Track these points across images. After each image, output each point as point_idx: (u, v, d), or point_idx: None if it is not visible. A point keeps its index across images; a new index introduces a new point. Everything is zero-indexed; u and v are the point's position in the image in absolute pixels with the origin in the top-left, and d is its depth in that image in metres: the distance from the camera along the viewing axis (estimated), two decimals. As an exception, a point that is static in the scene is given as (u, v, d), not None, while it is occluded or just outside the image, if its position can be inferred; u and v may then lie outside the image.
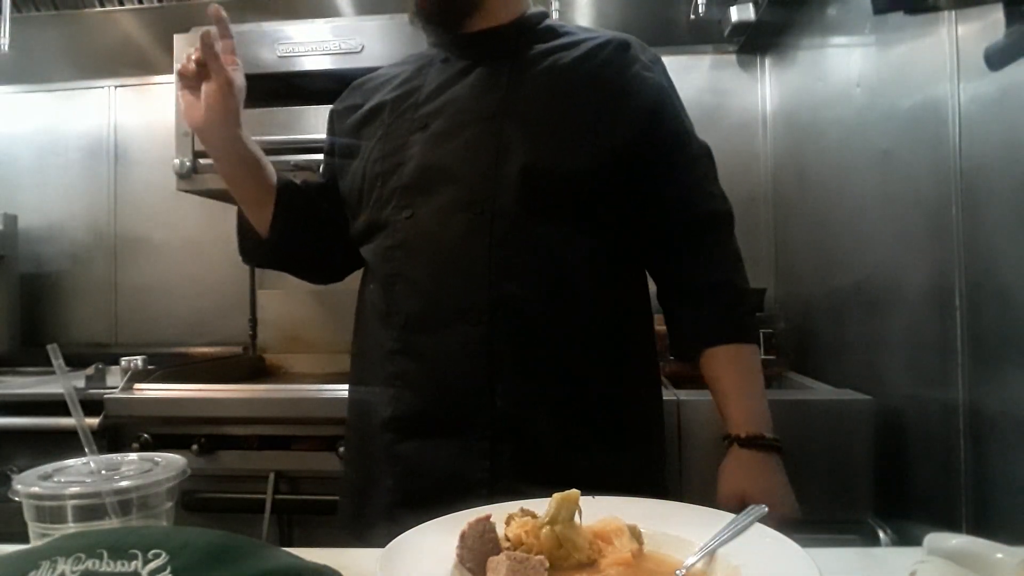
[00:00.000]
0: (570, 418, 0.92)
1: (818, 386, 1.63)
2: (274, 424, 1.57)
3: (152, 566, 0.42)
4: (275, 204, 1.05)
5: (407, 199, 0.96)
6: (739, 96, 2.27)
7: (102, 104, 2.52)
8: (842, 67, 1.67)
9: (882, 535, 1.32)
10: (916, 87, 1.30)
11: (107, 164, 2.51)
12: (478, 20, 1.00)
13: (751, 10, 1.97)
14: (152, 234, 2.47)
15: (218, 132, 0.98)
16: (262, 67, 1.87)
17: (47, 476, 0.58)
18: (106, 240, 2.50)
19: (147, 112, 2.48)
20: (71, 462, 0.61)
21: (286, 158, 1.78)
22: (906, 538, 1.29)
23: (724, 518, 0.62)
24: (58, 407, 1.16)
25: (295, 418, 1.57)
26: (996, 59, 0.61)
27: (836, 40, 1.74)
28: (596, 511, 0.61)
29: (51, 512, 0.55)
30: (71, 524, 0.55)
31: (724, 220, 1.03)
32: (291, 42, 1.86)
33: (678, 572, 0.56)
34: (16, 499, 0.55)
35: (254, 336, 2.32)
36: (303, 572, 0.46)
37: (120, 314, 2.48)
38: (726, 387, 0.97)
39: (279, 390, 1.65)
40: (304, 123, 1.84)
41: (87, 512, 0.55)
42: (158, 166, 2.34)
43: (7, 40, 1.99)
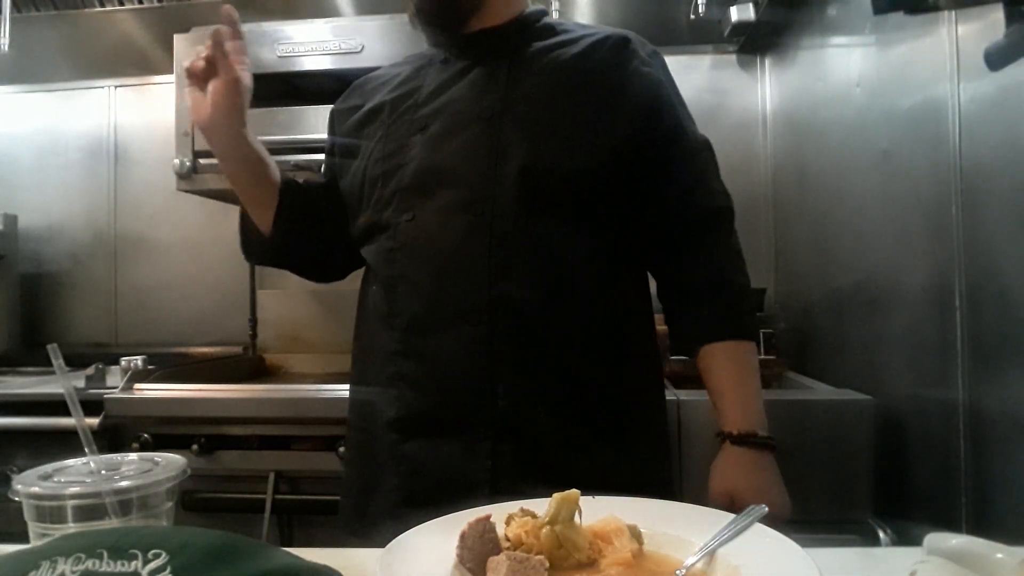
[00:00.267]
0: (571, 418, 0.92)
1: (818, 386, 1.63)
2: (274, 424, 1.57)
3: (152, 566, 0.42)
4: (278, 203, 1.05)
5: (407, 201, 0.95)
6: (739, 96, 2.27)
7: (102, 104, 2.52)
8: (842, 67, 1.67)
9: (882, 535, 1.33)
10: (916, 87, 1.30)
11: (107, 164, 2.51)
12: (477, 20, 1.00)
13: (751, 10, 1.97)
14: (152, 234, 2.47)
15: (224, 131, 0.98)
16: (262, 67, 1.87)
17: (47, 476, 0.58)
18: (106, 240, 2.50)
19: (147, 112, 2.48)
20: (71, 462, 0.61)
21: (286, 158, 1.78)
22: (906, 538, 1.29)
23: (724, 518, 0.62)
24: (58, 407, 1.16)
25: (295, 418, 1.57)
26: (996, 59, 0.61)
27: (836, 40, 1.74)
28: (596, 511, 0.61)
29: (51, 512, 0.55)
30: (71, 524, 0.55)
31: (724, 216, 1.02)
32: (291, 42, 1.86)
33: (678, 572, 0.56)
34: (16, 499, 0.55)
35: (254, 336, 2.32)
36: (303, 572, 0.46)
37: (120, 314, 2.48)
38: (721, 384, 0.96)
39: (279, 390, 1.65)
40: (304, 123, 1.84)
41: (87, 512, 0.55)
42: (158, 166, 2.34)
43: (7, 40, 1.99)
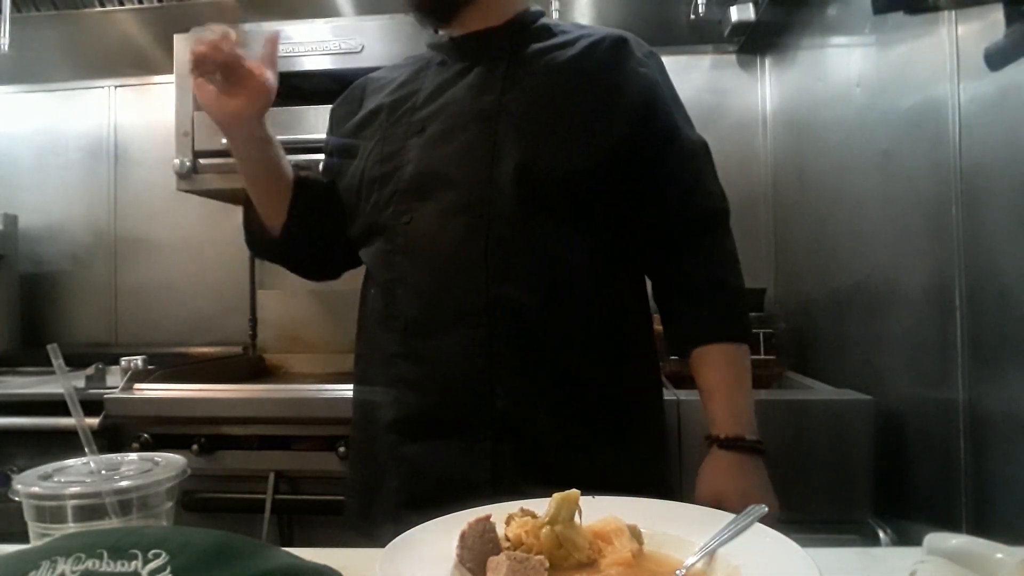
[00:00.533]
0: (570, 418, 0.92)
1: (818, 386, 1.63)
2: (274, 424, 1.57)
3: (152, 566, 0.42)
4: (292, 200, 1.04)
5: (405, 204, 0.96)
6: (739, 96, 2.27)
7: (102, 104, 2.52)
8: (842, 67, 1.67)
9: (882, 535, 1.33)
10: (916, 87, 1.30)
11: (107, 164, 2.51)
12: (473, 20, 1.00)
13: (751, 10, 1.97)
14: (152, 234, 2.47)
15: (247, 131, 0.96)
16: (262, 67, 1.87)
17: (47, 476, 0.58)
18: (106, 240, 2.50)
19: (147, 112, 2.48)
20: (71, 462, 0.61)
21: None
22: (906, 538, 1.29)
23: (724, 518, 0.62)
24: (58, 407, 1.16)
25: (295, 418, 1.57)
26: (996, 59, 0.61)
27: (836, 40, 1.74)
28: (596, 511, 0.61)
29: (51, 512, 0.55)
30: (71, 524, 0.55)
31: (720, 218, 1.02)
32: (291, 42, 1.86)
33: (678, 572, 0.56)
34: (16, 499, 0.55)
35: (254, 336, 2.32)
36: (303, 572, 0.46)
37: (120, 314, 2.48)
38: (711, 387, 0.96)
39: (279, 390, 1.65)
40: (304, 123, 1.84)
41: (87, 512, 0.55)
42: (158, 166, 2.34)
43: (7, 40, 1.99)
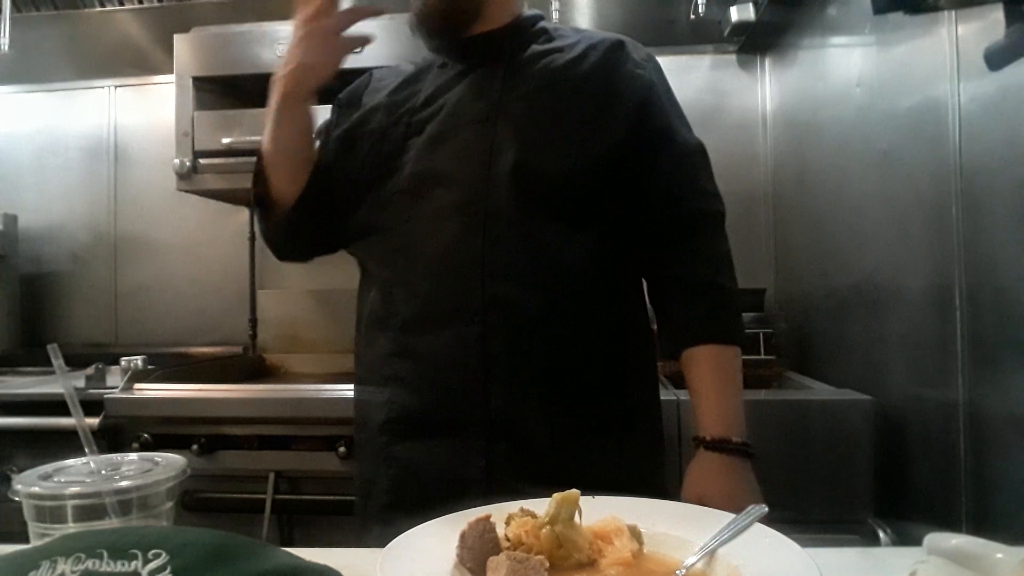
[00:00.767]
0: (565, 416, 0.92)
1: (818, 386, 1.63)
2: (274, 424, 1.57)
3: (152, 566, 0.42)
4: (308, 180, 1.03)
5: (404, 204, 0.96)
6: (739, 96, 2.27)
7: (102, 104, 2.52)
8: (842, 67, 1.67)
9: (882, 535, 1.33)
10: (916, 87, 1.30)
11: (107, 164, 2.51)
12: (475, 25, 1.01)
13: (751, 10, 1.97)
14: (152, 234, 2.47)
15: (316, 81, 0.96)
16: (262, 67, 1.86)
17: (47, 476, 0.58)
18: (106, 240, 2.50)
19: (147, 112, 2.48)
20: (71, 462, 0.61)
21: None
22: (906, 538, 1.29)
23: (724, 518, 0.62)
24: (58, 407, 1.16)
25: (295, 418, 1.57)
26: (996, 59, 0.61)
27: (836, 40, 1.74)
28: (596, 511, 0.61)
29: (51, 512, 0.55)
30: (71, 524, 0.55)
31: (714, 219, 1.02)
32: (291, 42, 1.86)
33: (678, 572, 0.56)
34: (16, 499, 0.55)
35: (254, 336, 2.32)
36: (303, 572, 0.46)
37: (120, 314, 2.48)
38: (699, 388, 0.96)
39: (279, 390, 1.65)
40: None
41: (87, 512, 0.55)
42: (158, 166, 2.34)
43: (7, 40, 1.99)
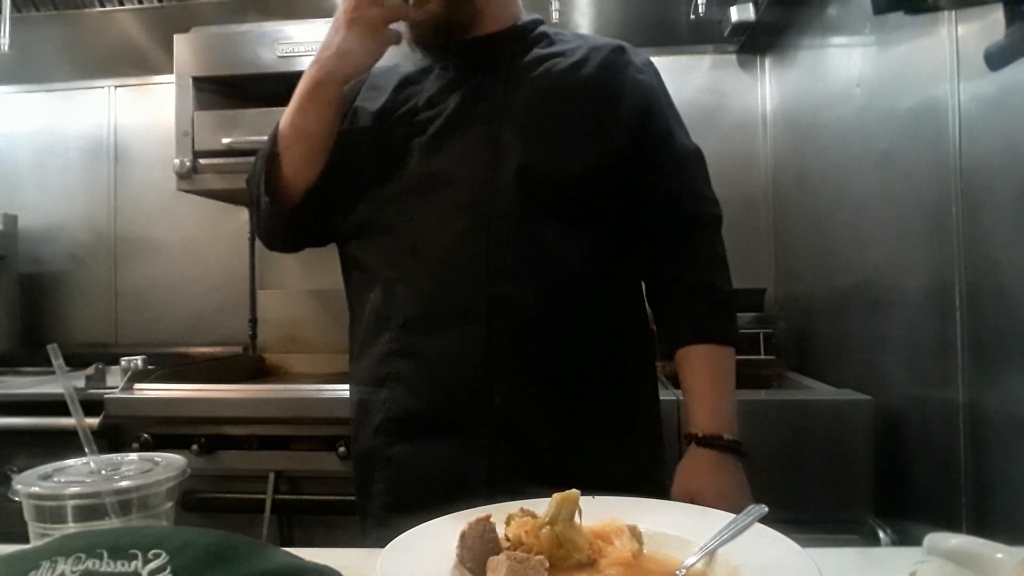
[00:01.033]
0: (568, 417, 0.93)
1: (818, 386, 1.63)
2: (274, 424, 1.57)
3: (152, 566, 0.42)
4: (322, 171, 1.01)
5: (406, 202, 0.96)
6: (739, 96, 2.27)
7: (102, 104, 2.52)
8: (842, 67, 1.67)
9: (882, 535, 1.33)
10: (916, 87, 1.30)
11: (107, 164, 2.51)
12: (474, 29, 1.01)
13: (751, 10, 1.97)
14: (152, 234, 2.47)
15: (352, 70, 0.97)
16: (262, 67, 1.87)
17: (47, 476, 0.58)
18: (106, 240, 2.50)
19: (147, 112, 2.48)
20: (71, 462, 0.61)
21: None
22: (906, 538, 1.29)
23: (724, 518, 0.62)
24: (58, 407, 1.16)
25: (295, 418, 1.57)
26: (996, 59, 0.61)
27: (836, 40, 1.74)
28: (596, 511, 0.61)
29: (51, 512, 0.55)
30: (71, 524, 0.55)
31: (711, 223, 1.04)
32: (291, 42, 1.86)
33: (678, 572, 0.56)
34: (16, 499, 0.55)
35: (254, 336, 2.32)
36: (303, 572, 0.46)
37: (120, 314, 2.48)
38: (692, 386, 0.98)
39: (279, 390, 1.65)
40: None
41: (87, 512, 0.55)
42: (158, 166, 2.34)
43: (7, 40, 1.99)
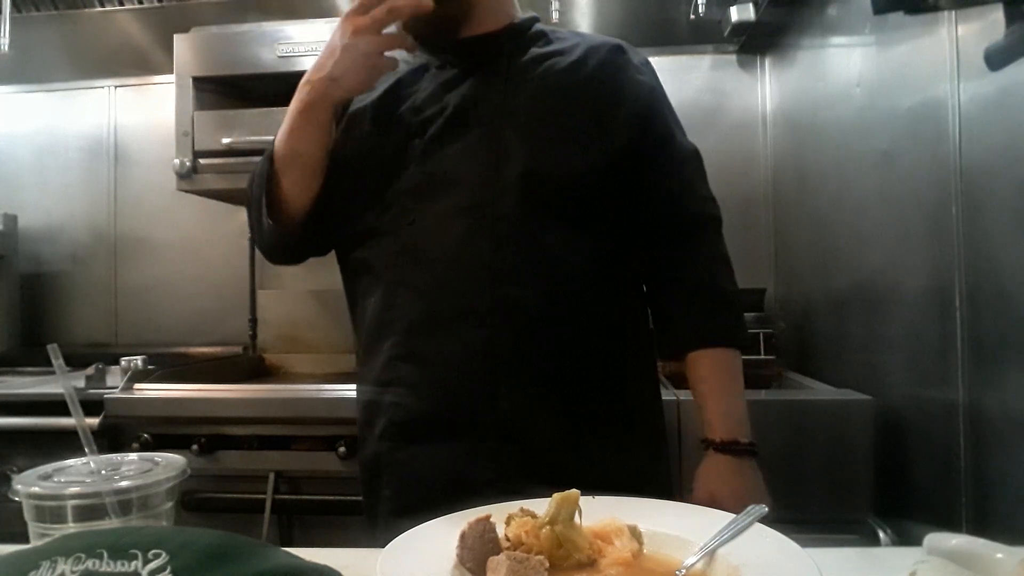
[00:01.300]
0: (572, 418, 0.93)
1: (818, 386, 1.63)
2: (274, 424, 1.57)
3: (152, 566, 0.42)
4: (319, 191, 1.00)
5: (408, 205, 0.95)
6: (739, 96, 2.26)
7: (102, 104, 2.52)
8: (842, 67, 1.67)
9: (882, 535, 1.33)
10: (916, 87, 1.30)
11: (107, 164, 2.51)
12: (469, 27, 1.00)
13: (751, 10, 1.97)
14: (152, 234, 2.47)
15: (345, 95, 0.95)
16: (262, 67, 1.87)
17: (47, 476, 0.58)
18: (106, 240, 2.50)
19: (147, 112, 2.48)
20: (71, 462, 0.61)
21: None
22: (906, 538, 1.29)
23: (724, 518, 0.62)
24: (58, 407, 1.16)
25: (295, 418, 1.57)
26: (996, 59, 0.61)
27: (836, 40, 1.74)
28: (596, 511, 0.61)
29: (51, 512, 0.55)
30: (71, 524, 0.55)
31: (712, 223, 1.03)
32: (291, 42, 1.86)
33: (678, 572, 0.56)
34: (16, 499, 0.55)
35: (254, 336, 2.32)
36: (303, 572, 0.46)
37: (120, 314, 2.48)
38: (705, 391, 0.98)
39: (279, 390, 1.65)
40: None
41: (87, 512, 0.55)
42: (158, 166, 2.34)
43: (7, 40, 1.99)
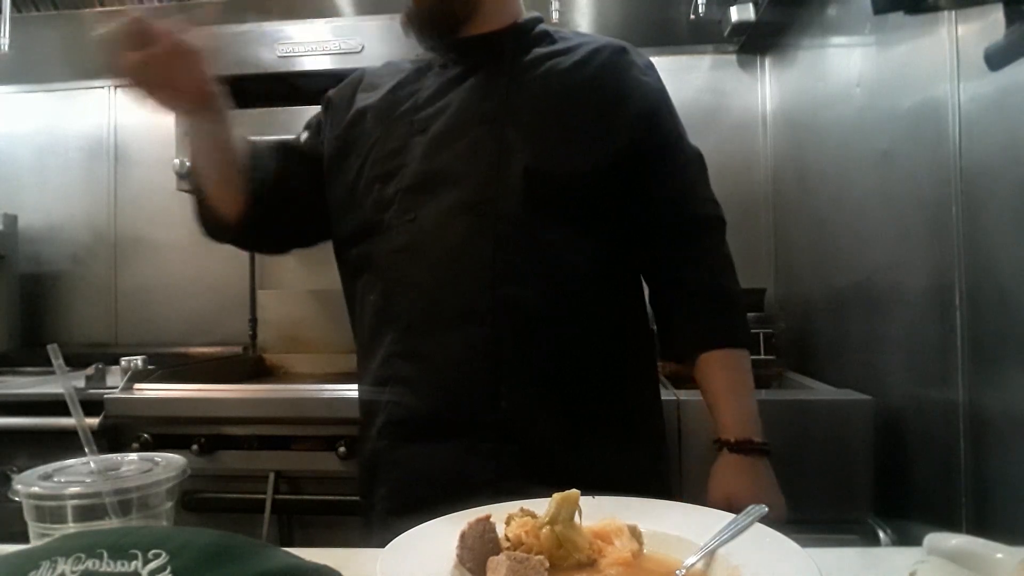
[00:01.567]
0: (573, 418, 0.93)
1: (818, 386, 1.63)
2: (274, 424, 1.57)
3: (152, 566, 0.42)
4: (251, 183, 1.02)
5: (409, 202, 0.95)
6: (739, 96, 2.26)
7: (102, 104, 2.52)
8: (842, 67, 1.67)
9: (882, 535, 1.32)
10: (916, 87, 1.30)
11: (107, 164, 2.51)
12: (473, 26, 1.00)
13: (751, 10, 1.96)
14: (152, 234, 2.47)
15: (212, 104, 0.95)
16: (262, 67, 1.87)
17: (47, 476, 0.58)
18: (106, 240, 2.50)
19: (147, 112, 2.48)
20: (71, 462, 0.61)
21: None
22: (906, 538, 1.29)
23: (724, 518, 0.62)
24: (58, 407, 1.16)
25: (295, 418, 1.56)
26: (996, 59, 0.61)
27: (836, 40, 1.73)
28: (596, 511, 0.61)
29: (51, 512, 0.55)
30: (71, 524, 0.55)
31: (716, 224, 1.04)
32: (291, 42, 1.86)
33: (678, 572, 0.56)
34: (16, 499, 0.55)
35: (254, 336, 2.31)
36: (303, 572, 0.46)
37: (120, 314, 2.48)
38: (717, 392, 0.98)
39: (279, 390, 1.65)
40: (304, 123, 1.84)
41: (87, 512, 0.55)
42: (158, 166, 2.33)
43: (7, 40, 2.00)
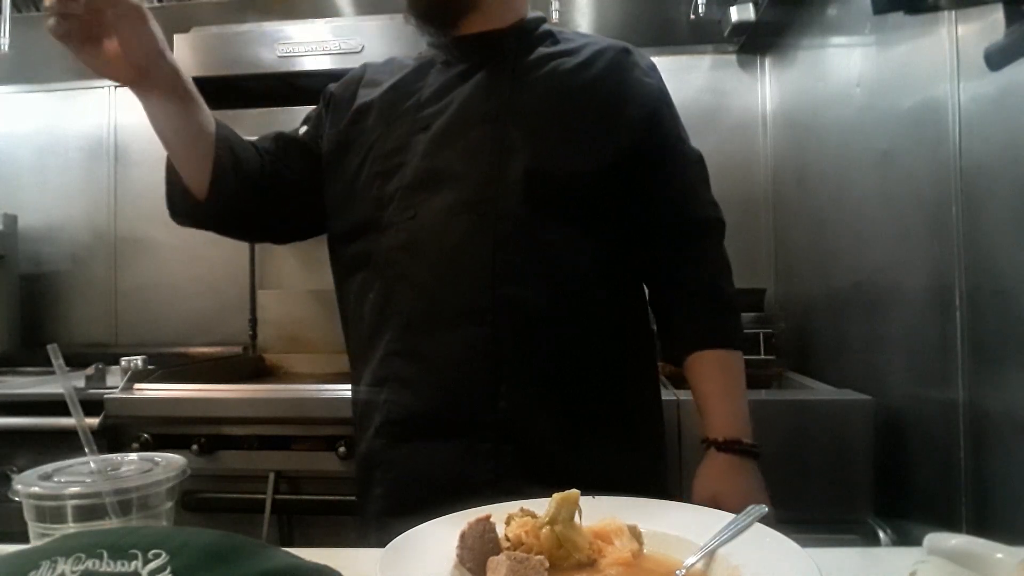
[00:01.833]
0: (572, 417, 0.93)
1: (818, 386, 1.63)
2: (274, 424, 1.57)
3: (152, 566, 0.42)
4: (215, 159, 0.97)
5: (409, 200, 0.95)
6: (739, 96, 2.26)
7: (102, 104, 2.52)
8: (842, 67, 1.67)
9: (882, 535, 1.32)
10: (916, 87, 1.30)
11: (107, 164, 2.51)
12: (476, 23, 1.00)
13: (751, 10, 1.96)
14: (152, 234, 2.46)
15: (159, 70, 0.87)
16: (262, 67, 1.87)
17: (47, 476, 0.58)
18: (106, 240, 2.50)
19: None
20: (71, 462, 0.61)
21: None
22: (906, 538, 1.29)
23: (724, 518, 0.62)
24: (58, 407, 1.16)
25: (295, 418, 1.56)
26: (996, 59, 0.61)
27: (836, 40, 1.74)
28: (596, 511, 0.61)
29: (51, 512, 0.55)
30: (71, 524, 0.55)
31: (715, 227, 1.04)
32: (291, 42, 1.87)
33: (678, 572, 0.56)
34: (16, 499, 0.55)
35: (254, 336, 2.31)
36: (303, 572, 0.46)
37: (120, 314, 2.48)
38: (707, 392, 0.98)
39: (279, 390, 1.65)
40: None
41: (87, 512, 0.55)
42: (158, 166, 2.29)
43: (7, 40, 1.99)
